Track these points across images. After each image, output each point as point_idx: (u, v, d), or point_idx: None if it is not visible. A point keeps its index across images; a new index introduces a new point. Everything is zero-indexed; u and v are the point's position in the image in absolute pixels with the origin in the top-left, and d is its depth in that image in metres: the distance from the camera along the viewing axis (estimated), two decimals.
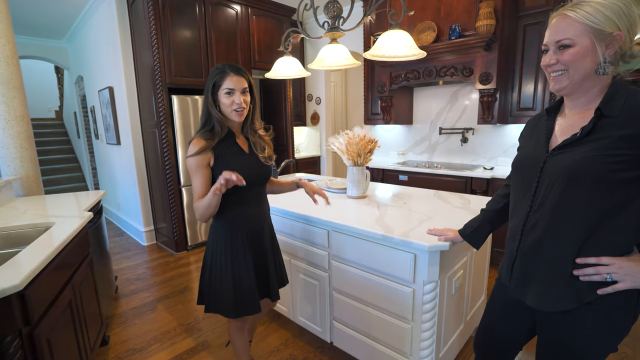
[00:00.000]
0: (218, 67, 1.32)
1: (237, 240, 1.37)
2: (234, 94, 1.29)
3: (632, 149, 0.78)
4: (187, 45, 3.31)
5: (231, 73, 1.28)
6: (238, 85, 1.30)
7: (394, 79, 3.39)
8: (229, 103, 1.30)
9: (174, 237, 3.43)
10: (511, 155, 3.16)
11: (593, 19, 0.80)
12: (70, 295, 1.49)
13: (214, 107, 1.30)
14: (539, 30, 2.70)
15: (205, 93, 1.32)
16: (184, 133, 3.36)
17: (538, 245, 0.93)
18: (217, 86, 1.30)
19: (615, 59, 0.84)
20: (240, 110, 1.31)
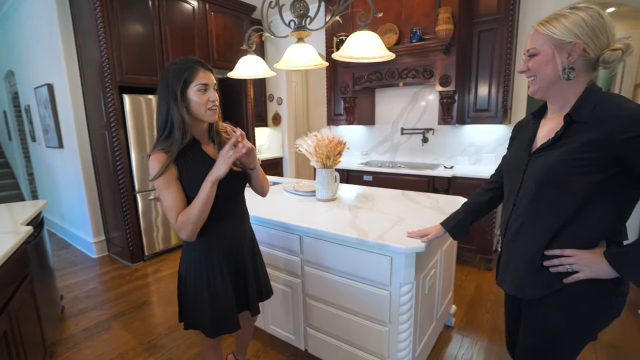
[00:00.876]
0: (179, 62, 1.15)
1: (213, 257, 1.25)
2: (208, 90, 1.16)
3: (596, 153, 0.83)
4: (140, 41, 3.08)
5: (201, 68, 1.15)
6: (210, 80, 1.17)
7: (357, 80, 3.41)
8: (203, 101, 1.14)
9: (128, 247, 3.18)
10: (468, 154, 3.33)
11: (555, 30, 0.87)
12: (5, 325, 1.30)
13: (182, 109, 1.13)
14: (491, 37, 2.85)
15: (168, 93, 1.12)
16: (137, 135, 3.13)
17: (515, 240, 1.01)
18: (187, 83, 1.13)
19: (585, 66, 0.89)
20: (215, 108, 1.19)
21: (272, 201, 2.08)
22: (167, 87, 1.13)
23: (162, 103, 1.15)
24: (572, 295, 0.92)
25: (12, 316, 1.37)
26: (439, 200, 1.97)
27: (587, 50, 0.86)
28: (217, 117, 1.22)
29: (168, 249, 3.49)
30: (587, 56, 0.87)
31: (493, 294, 2.54)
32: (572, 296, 0.92)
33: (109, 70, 2.90)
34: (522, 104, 3.08)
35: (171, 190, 1.13)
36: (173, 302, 2.53)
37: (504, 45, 2.80)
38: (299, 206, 1.94)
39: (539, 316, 0.98)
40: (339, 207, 1.88)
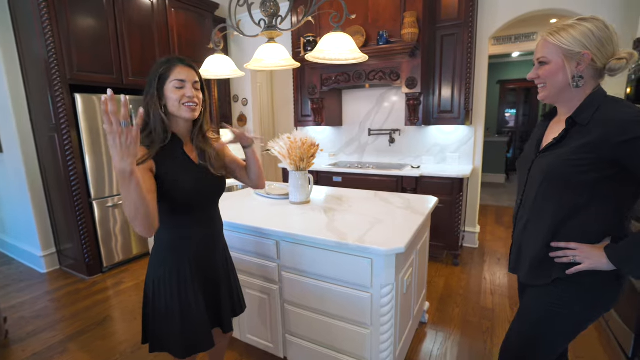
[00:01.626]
0: (161, 60, 1.12)
1: (185, 269, 1.16)
2: (184, 86, 1.10)
3: (594, 154, 0.88)
4: (93, 37, 2.85)
5: (179, 63, 1.11)
6: (188, 76, 1.11)
7: (325, 81, 3.41)
8: (178, 97, 1.09)
9: (84, 259, 2.93)
10: (433, 154, 3.45)
11: (564, 41, 0.93)
12: None
13: (159, 107, 1.08)
14: (453, 41, 2.97)
15: (146, 90, 1.10)
16: (92, 138, 2.90)
17: (522, 233, 1.09)
18: (163, 79, 1.09)
19: (593, 73, 0.94)
20: (193, 105, 1.11)
21: (243, 205, 2.01)
22: (148, 85, 1.11)
23: (144, 101, 1.12)
24: (573, 284, 0.98)
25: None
26: (410, 200, 2.02)
27: (595, 60, 0.91)
28: (195, 114, 1.14)
29: (129, 259, 3.27)
30: (594, 65, 0.92)
31: (462, 288, 2.65)
32: (574, 285, 0.98)
33: (57, 67, 2.65)
34: (482, 106, 3.25)
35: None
36: (139, 316, 2.37)
37: (465, 50, 2.94)
38: (272, 210, 1.89)
39: (543, 296, 1.03)
40: (314, 210, 1.86)
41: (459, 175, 2.85)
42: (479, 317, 2.27)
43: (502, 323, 2.20)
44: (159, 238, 1.17)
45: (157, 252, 1.18)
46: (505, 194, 5.71)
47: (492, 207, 4.92)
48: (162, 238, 1.16)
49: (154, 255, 1.18)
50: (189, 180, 1.14)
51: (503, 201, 5.21)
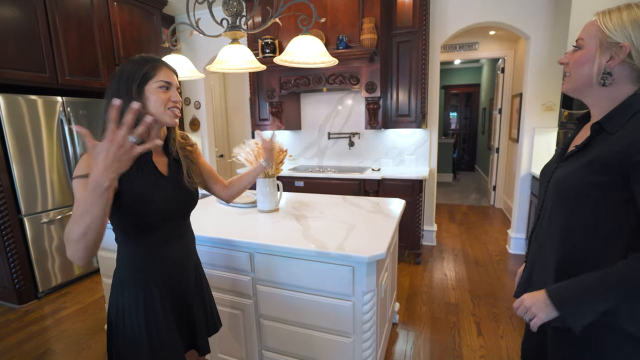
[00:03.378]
0: (137, 58, 1.01)
1: (152, 292, 1.03)
2: (170, 89, 1.01)
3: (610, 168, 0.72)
4: (19, 30, 2.50)
5: (164, 66, 1.01)
6: (173, 80, 1.03)
7: (284, 84, 3.35)
8: (166, 99, 0.99)
9: (14, 285, 2.55)
10: (392, 156, 3.55)
11: (609, 24, 0.75)
12: None
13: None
14: (409, 48, 3.09)
15: (119, 90, 0.95)
16: (19, 145, 2.54)
17: (536, 256, 0.92)
18: (146, 78, 0.98)
19: (629, 74, 0.76)
20: (177, 111, 1.03)
21: (207, 215, 1.88)
22: (118, 84, 0.97)
23: (108, 102, 0.97)
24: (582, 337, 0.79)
25: None
26: (379, 204, 2.04)
27: (633, 56, 0.73)
28: (177, 121, 1.05)
29: (70, 280, 2.91)
30: (632, 64, 0.74)
31: (426, 286, 2.75)
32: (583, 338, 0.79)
33: None
34: (435, 110, 3.42)
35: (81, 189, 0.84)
36: (87, 346, 2.10)
37: (420, 56, 3.07)
38: (240, 220, 1.79)
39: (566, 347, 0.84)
40: (285, 218, 1.80)
41: (419, 177, 2.96)
42: (445, 313, 2.36)
43: (466, 316, 2.31)
44: (122, 257, 1.04)
45: (119, 274, 1.04)
46: (455, 192, 6.09)
47: (444, 205, 5.21)
48: (125, 257, 1.04)
49: (116, 278, 1.05)
50: (157, 194, 1.02)
51: (454, 199, 5.55)
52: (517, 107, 4.29)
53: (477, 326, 2.20)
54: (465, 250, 3.47)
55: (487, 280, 2.81)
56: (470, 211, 4.90)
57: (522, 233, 3.29)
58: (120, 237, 1.03)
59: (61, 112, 2.79)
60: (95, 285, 2.92)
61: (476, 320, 2.26)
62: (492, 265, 3.09)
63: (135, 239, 1.02)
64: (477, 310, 2.38)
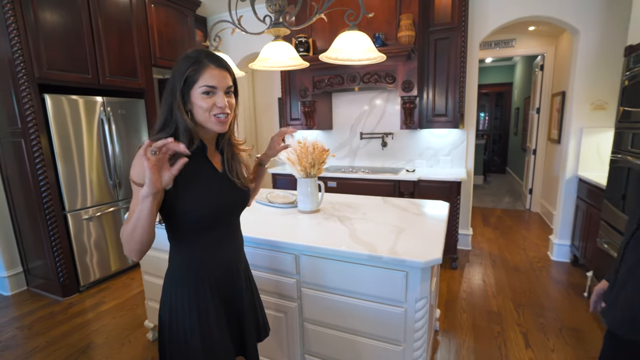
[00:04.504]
0: (190, 55, 0.93)
1: (205, 293, 1.00)
2: (215, 94, 0.93)
3: None
4: (66, 32, 2.58)
5: (211, 65, 0.92)
6: (221, 81, 0.93)
7: (317, 84, 3.31)
8: (208, 106, 0.92)
9: (58, 278, 2.63)
10: (426, 157, 3.44)
11: None
12: None
13: (183, 113, 0.92)
14: (447, 45, 2.98)
15: (169, 91, 0.93)
16: (63, 143, 2.62)
17: (634, 272, 0.82)
18: (190, 82, 0.91)
19: None
20: (223, 117, 0.94)
21: (249, 216, 1.86)
22: (171, 84, 0.93)
23: (164, 102, 0.94)
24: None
25: None
26: (422, 206, 1.96)
27: None
28: (226, 127, 0.97)
29: (107, 276, 2.98)
30: None
31: (464, 292, 2.64)
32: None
33: (23, 65, 2.37)
34: (473, 109, 3.29)
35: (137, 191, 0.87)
36: (127, 341, 2.14)
37: (458, 54, 2.96)
38: (282, 220, 1.76)
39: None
40: (328, 219, 1.75)
41: (457, 179, 2.85)
42: (487, 321, 2.25)
43: (511, 326, 2.19)
44: (175, 258, 1.02)
45: (172, 275, 1.02)
46: (486, 195, 5.88)
47: (477, 208, 5.03)
48: (178, 258, 1.01)
49: (168, 278, 1.02)
50: (211, 192, 0.99)
51: (486, 202, 5.36)
52: (557, 106, 4.08)
53: (524, 337, 2.08)
54: (503, 255, 3.32)
55: (530, 288, 2.66)
56: (505, 215, 4.70)
57: (566, 239, 3.11)
58: (173, 237, 1.00)
59: (101, 112, 2.86)
60: (131, 281, 2.98)
61: (522, 331, 2.14)
62: (533, 272, 2.94)
63: (186, 238, 0.99)
64: (522, 320, 2.25)
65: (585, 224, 2.76)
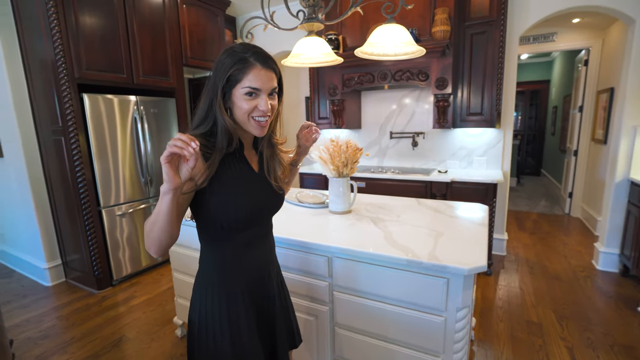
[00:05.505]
0: (236, 50, 0.87)
1: (237, 298, 0.97)
2: (258, 96, 0.87)
3: None
4: (103, 35, 2.67)
5: (257, 64, 0.86)
6: (266, 83, 0.87)
7: (347, 82, 3.25)
8: (249, 108, 0.87)
9: (94, 271, 2.72)
10: (459, 158, 3.30)
11: None
12: None
13: (223, 111, 0.87)
14: (484, 40, 2.84)
15: (210, 88, 0.88)
16: (99, 141, 2.70)
17: None
18: (233, 81, 0.86)
19: None
20: (263, 121, 0.90)
21: (279, 215, 1.83)
22: (212, 83, 0.88)
23: (205, 97, 0.90)
24: None
25: None
26: (458, 208, 1.86)
27: None
28: (265, 130, 0.93)
29: (138, 271, 3.06)
30: None
31: (500, 300, 2.49)
32: None
33: (64, 66, 2.46)
34: (510, 108, 3.12)
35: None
36: (157, 336, 2.17)
37: (496, 49, 2.80)
38: (313, 221, 1.72)
39: None
40: (360, 220, 1.69)
41: (493, 180, 2.70)
42: (527, 333, 2.11)
43: (554, 339, 2.04)
44: (206, 259, 0.99)
45: (203, 276, 0.99)
46: (520, 197, 5.60)
47: (511, 212, 4.79)
48: (208, 259, 0.98)
49: (199, 280, 1.00)
50: (246, 193, 0.95)
51: (521, 205, 5.10)
52: (604, 104, 3.80)
53: (570, 352, 1.93)
54: (541, 262, 3.12)
55: (573, 299, 2.48)
56: (542, 219, 4.45)
57: (614, 248, 2.88)
58: (204, 237, 0.98)
59: (135, 111, 2.93)
60: (161, 277, 3.04)
61: (567, 346, 1.98)
62: (577, 282, 2.74)
63: (219, 239, 0.96)
64: (566, 333, 2.10)
65: (637, 231, 2.54)
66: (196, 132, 0.89)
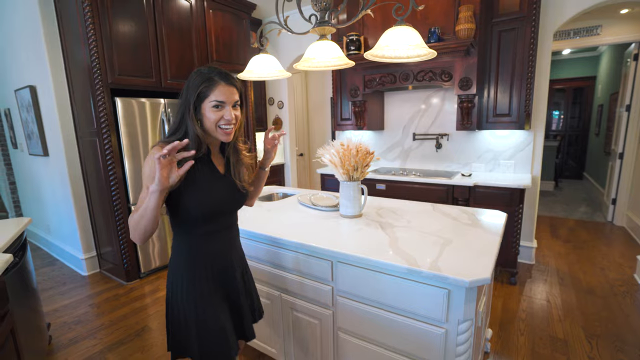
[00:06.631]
0: (202, 72, 1.06)
1: (202, 280, 1.14)
2: (223, 108, 1.06)
3: None
4: (134, 41, 2.83)
5: (222, 82, 1.05)
6: (229, 97, 1.07)
7: (368, 83, 3.22)
8: (216, 119, 1.06)
9: (123, 264, 2.90)
10: (485, 161, 3.16)
11: None
12: None
13: (195, 122, 1.05)
14: (513, 37, 2.69)
15: (183, 103, 1.07)
16: (130, 142, 2.87)
17: None
18: (202, 97, 1.05)
19: None
20: (229, 129, 1.09)
21: (290, 218, 1.86)
22: (184, 98, 1.07)
23: (179, 109, 1.09)
24: None
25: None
26: (476, 215, 1.78)
27: None
28: (231, 137, 1.12)
29: (164, 265, 3.22)
30: None
31: (523, 312, 2.37)
32: None
33: (99, 72, 2.64)
34: (542, 108, 2.94)
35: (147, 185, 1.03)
36: None
37: (527, 47, 2.65)
38: (322, 224, 1.73)
39: None
40: (369, 225, 1.68)
41: (520, 185, 2.57)
42: (551, 349, 1.99)
43: (581, 358, 1.91)
44: (178, 245, 1.16)
45: (173, 260, 1.17)
46: (557, 203, 5.26)
47: (545, 217, 4.52)
48: (180, 245, 1.15)
49: (171, 263, 1.17)
50: (211, 191, 1.12)
51: (557, 211, 4.79)
52: None
53: None
54: (574, 274, 2.92)
55: (607, 316, 2.30)
56: (579, 227, 4.15)
57: None
58: (176, 227, 1.14)
59: (163, 113, 3.09)
60: None
61: None
62: (614, 297, 2.54)
63: (188, 229, 1.12)
64: (595, 353, 1.95)
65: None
66: (170, 139, 1.05)
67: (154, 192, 0.93)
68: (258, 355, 1.96)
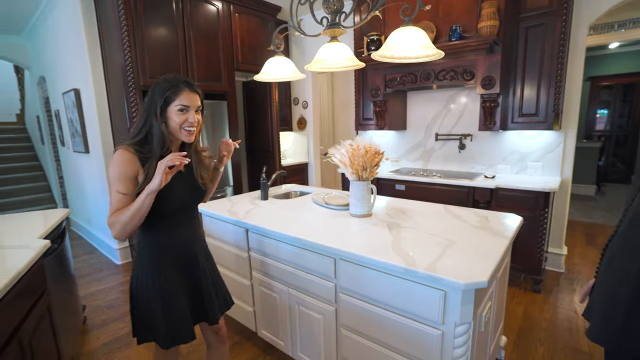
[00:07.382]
0: (169, 79, 1.19)
1: (166, 265, 1.26)
2: (188, 112, 1.19)
3: None
4: (164, 45, 3.00)
5: (186, 89, 1.19)
6: (193, 102, 1.20)
7: (389, 83, 3.20)
8: (180, 121, 1.19)
9: None
10: (510, 162, 3.04)
11: None
12: (15, 354, 1.19)
13: (161, 123, 1.17)
14: (541, 33, 2.57)
15: (149, 105, 1.18)
16: None
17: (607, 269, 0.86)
18: (168, 101, 1.17)
19: None
20: (191, 130, 1.22)
21: (302, 215, 1.91)
22: (150, 101, 1.18)
23: (143, 113, 1.21)
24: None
25: (25, 343, 1.26)
26: (487, 218, 1.74)
27: None
28: (192, 138, 1.24)
29: None
30: None
31: (545, 321, 2.26)
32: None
33: (132, 74, 2.83)
34: (575, 107, 2.78)
35: (123, 186, 1.14)
36: None
37: (556, 42, 2.52)
38: (331, 222, 1.76)
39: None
40: (377, 224, 1.69)
41: (545, 188, 2.45)
42: None
43: None
44: (145, 236, 1.25)
45: (140, 249, 1.26)
46: (596, 208, 4.92)
47: (581, 223, 4.25)
48: (147, 236, 1.25)
49: (140, 250, 1.26)
50: (174, 187, 1.21)
51: (595, 217, 4.49)
52: None
53: None
54: None
55: None
56: None
57: None
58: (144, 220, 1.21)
59: None
60: None
61: None
62: None
63: (153, 222, 1.21)
64: None
65: None
66: (135, 140, 1.18)
67: (153, 192, 1.07)
68: (267, 347, 2.03)
